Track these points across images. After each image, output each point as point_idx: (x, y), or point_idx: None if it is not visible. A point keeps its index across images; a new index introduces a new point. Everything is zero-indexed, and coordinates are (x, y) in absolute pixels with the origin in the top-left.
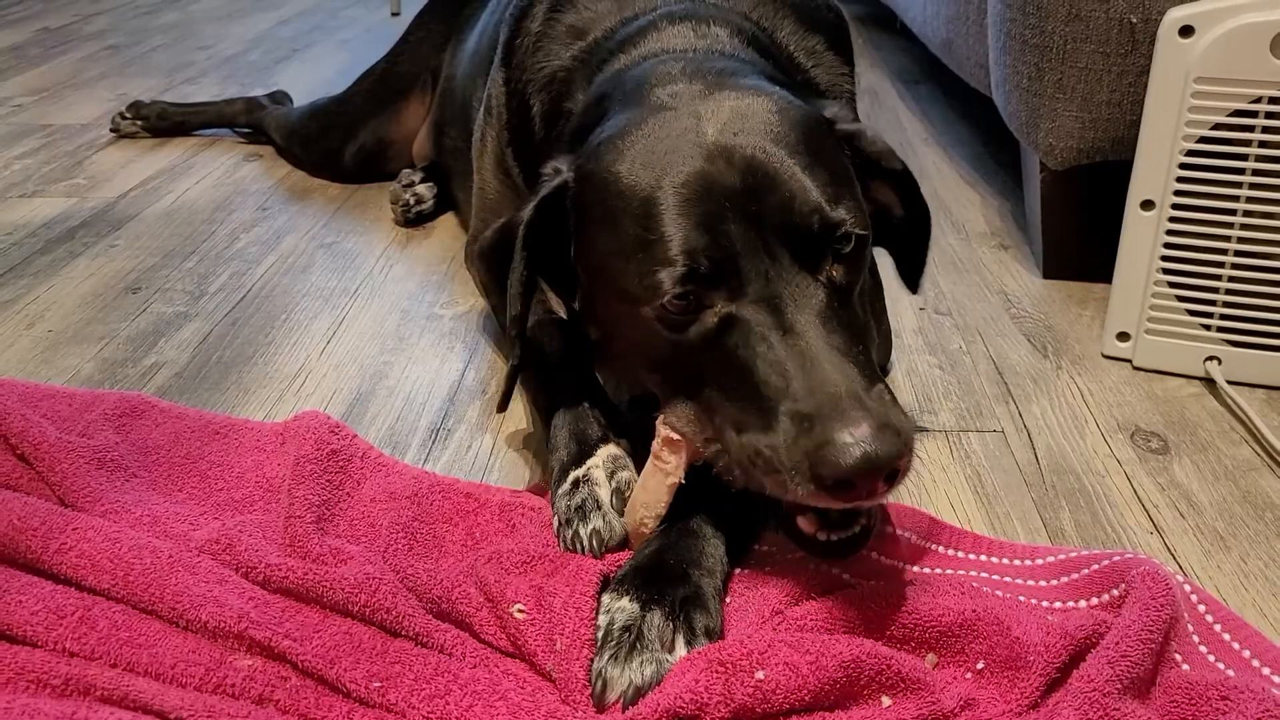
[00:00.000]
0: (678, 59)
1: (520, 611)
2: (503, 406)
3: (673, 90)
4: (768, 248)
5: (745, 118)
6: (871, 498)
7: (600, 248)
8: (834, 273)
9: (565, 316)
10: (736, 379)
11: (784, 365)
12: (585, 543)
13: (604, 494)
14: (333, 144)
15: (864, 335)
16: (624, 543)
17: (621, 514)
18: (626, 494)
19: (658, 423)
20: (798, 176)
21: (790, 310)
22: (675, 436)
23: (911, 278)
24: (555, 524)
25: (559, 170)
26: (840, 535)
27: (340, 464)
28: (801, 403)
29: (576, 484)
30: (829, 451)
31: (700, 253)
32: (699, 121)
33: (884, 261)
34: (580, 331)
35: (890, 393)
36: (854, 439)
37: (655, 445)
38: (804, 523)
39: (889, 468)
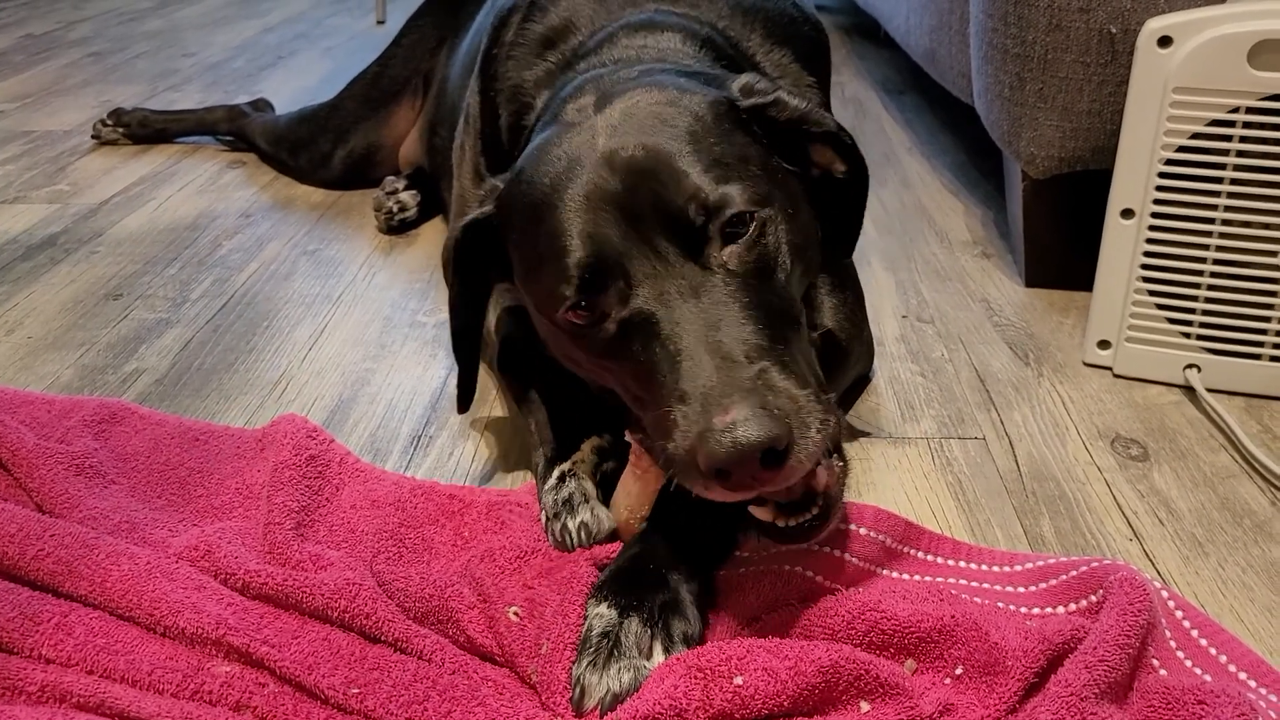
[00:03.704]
0: (599, 77)
1: (516, 614)
2: (462, 408)
3: (580, 104)
4: (652, 245)
5: (632, 117)
6: (767, 483)
7: (519, 268)
8: (725, 257)
9: None
10: (643, 382)
11: (673, 361)
12: (574, 535)
13: (590, 487)
14: (322, 148)
15: (776, 317)
16: (613, 534)
17: (608, 505)
18: (613, 485)
19: (628, 432)
20: (674, 167)
21: (677, 305)
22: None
23: (846, 242)
24: (543, 518)
25: (492, 190)
26: (796, 520)
27: (319, 469)
28: (686, 399)
29: (563, 478)
30: (703, 441)
31: (586, 262)
32: (594, 134)
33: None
34: None
35: (783, 371)
36: (721, 426)
37: (632, 453)
38: (758, 510)
39: (760, 449)
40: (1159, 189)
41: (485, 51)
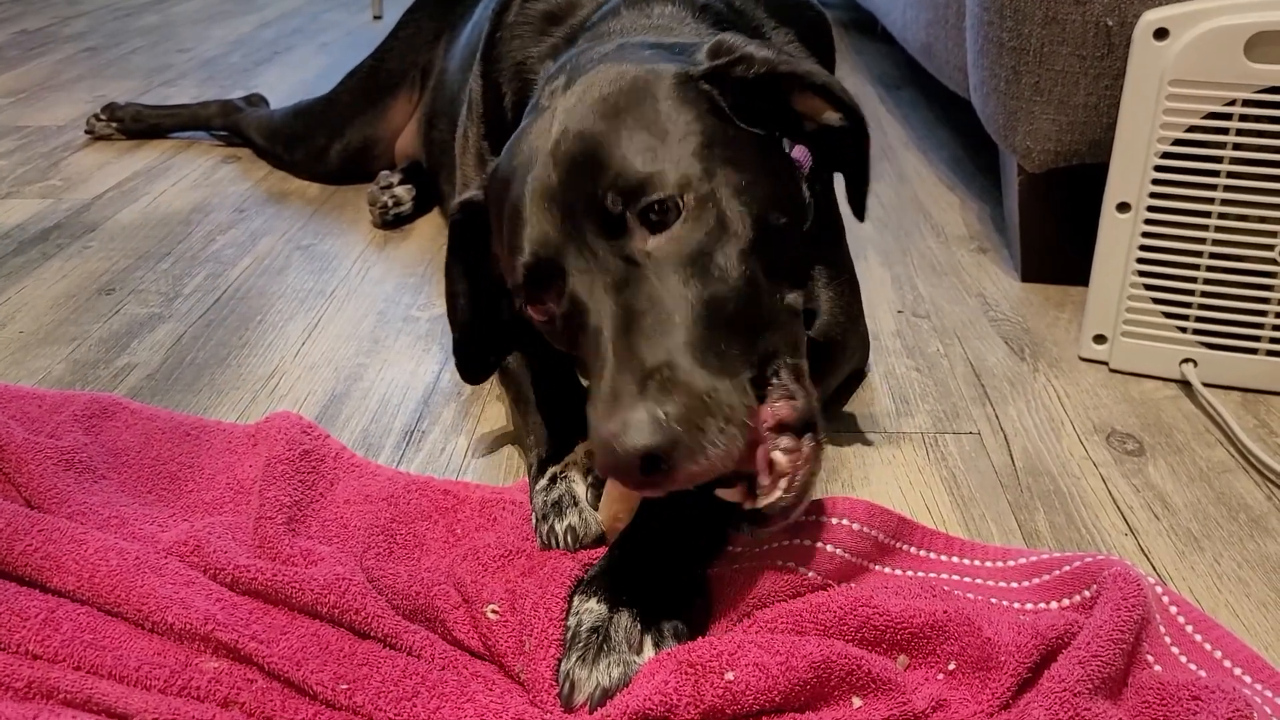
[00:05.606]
0: (579, 53)
1: (494, 612)
2: (462, 376)
3: (553, 87)
4: (584, 239)
5: (582, 103)
6: (667, 485)
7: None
8: (650, 247)
9: None
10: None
11: (593, 359)
12: (560, 538)
13: (580, 490)
14: (319, 142)
15: (717, 304)
16: (600, 539)
17: (598, 509)
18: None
19: None
20: (599, 157)
21: (601, 300)
22: None
23: (857, 200)
24: (533, 519)
25: (492, 172)
26: (760, 504)
27: (313, 464)
28: (593, 400)
29: (554, 480)
30: (596, 448)
31: (530, 263)
32: (551, 121)
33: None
34: None
35: (695, 364)
36: (606, 434)
37: None
38: (724, 492)
39: (638, 459)
40: (1155, 182)
41: (487, 36)
